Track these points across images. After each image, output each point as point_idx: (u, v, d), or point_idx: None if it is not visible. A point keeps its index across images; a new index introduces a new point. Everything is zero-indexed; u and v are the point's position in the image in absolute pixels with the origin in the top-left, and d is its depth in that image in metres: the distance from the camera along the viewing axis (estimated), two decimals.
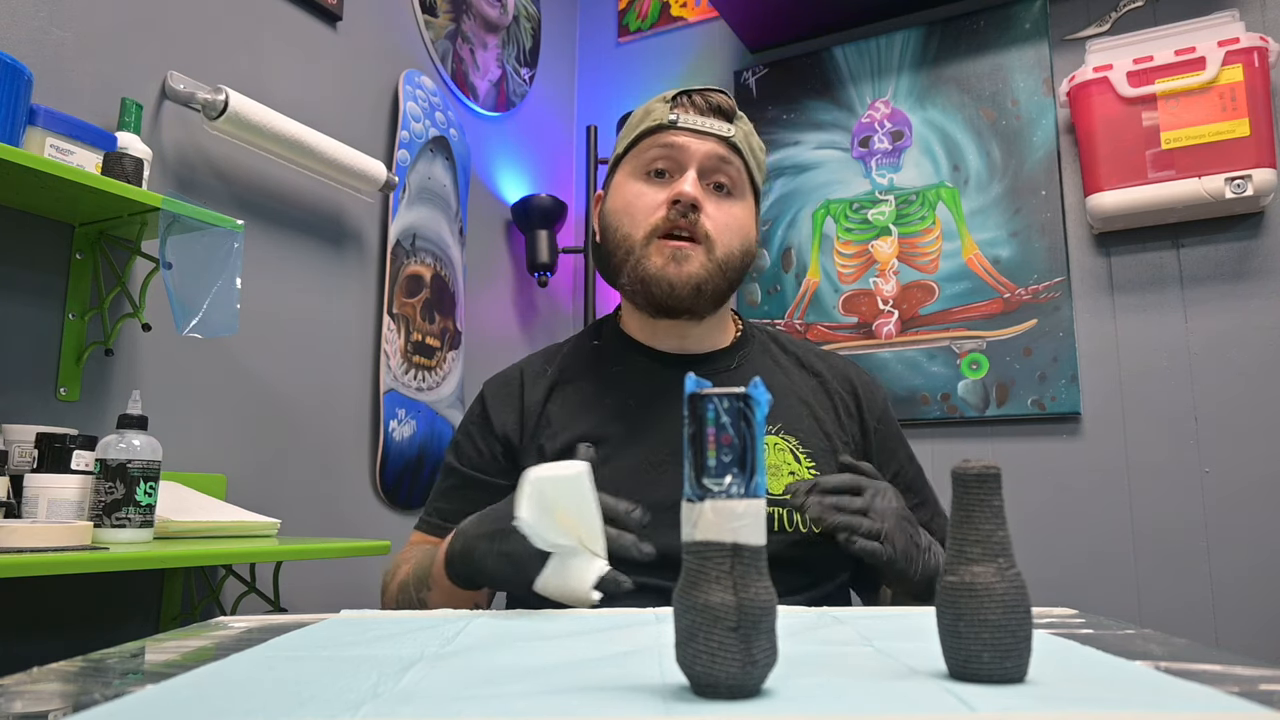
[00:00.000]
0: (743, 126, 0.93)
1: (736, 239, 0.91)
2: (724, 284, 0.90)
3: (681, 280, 0.87)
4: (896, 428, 1.01)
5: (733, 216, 0.91)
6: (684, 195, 0.87)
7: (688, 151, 0.90)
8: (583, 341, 1.02)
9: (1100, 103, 1.81)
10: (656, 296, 0.89)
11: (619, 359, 0.97)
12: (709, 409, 0.35)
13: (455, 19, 2.16)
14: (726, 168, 0.91)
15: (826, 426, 0.93)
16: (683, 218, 0.87)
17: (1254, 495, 1.67)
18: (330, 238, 1.73)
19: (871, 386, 1.01)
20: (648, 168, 0.92)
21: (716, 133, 0.90)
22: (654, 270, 0.88)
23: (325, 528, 1.65)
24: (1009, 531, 0.38)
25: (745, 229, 0.92)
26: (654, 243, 0.89)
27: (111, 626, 1.29)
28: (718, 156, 0.90)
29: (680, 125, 0.90)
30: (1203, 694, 0.34)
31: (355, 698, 0.34)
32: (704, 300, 0.90)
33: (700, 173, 0.89)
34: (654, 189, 0.91)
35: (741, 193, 0.93)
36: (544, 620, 0.58)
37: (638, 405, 0.92)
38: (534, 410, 0.94)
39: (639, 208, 0.90)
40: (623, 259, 0.91)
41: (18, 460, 1.08)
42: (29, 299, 1.23)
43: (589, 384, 0.96)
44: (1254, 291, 1.74)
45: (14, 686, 0.37)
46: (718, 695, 0.34)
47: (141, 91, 1.39)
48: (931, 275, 2.03)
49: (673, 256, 0.88)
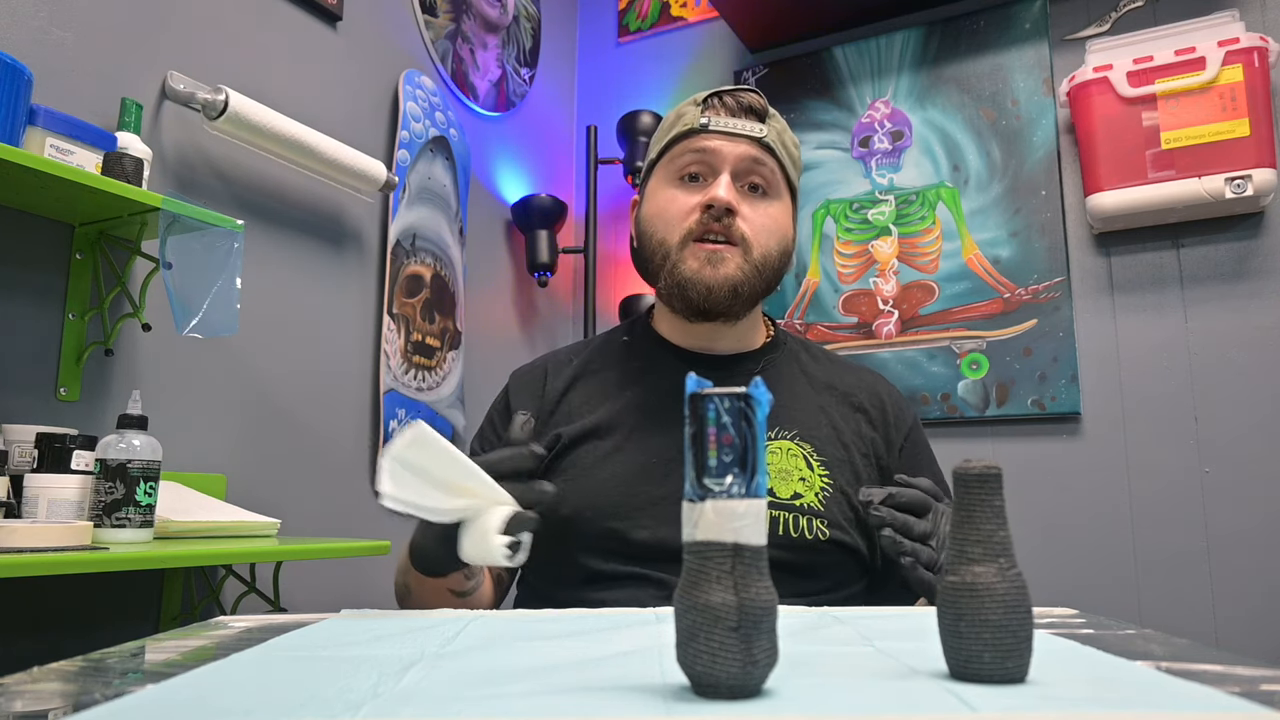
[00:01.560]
0: (775, 125, 0.93)
1: (774, 240, 0.90)
2: (761, 285, 0.90)
3: (718, 282, 0.87)
4: (926, 448, 0.99)
5: (769, 217, 0.91)
6: (717, 200, 0.87)
7: (720, 155, 0.89)
8: (613, 336, 1.03)
9: (1100, 103, 1.81)
10: (693, 300, 0.89)
11: (645, 355, 0.98)
12: (709, 409, 0.35)
13: (455, 19, 2.16)
14: (760, 169, 0.90)
15: (845, 437, 0.92)
16: (716, 222, 0.87)
17: (1254, 495, 1.67)
18: (330, 238, 1.73)
19: (901, 404, 0.99)
20: (681, 172, 0.92)
21: (749, 134, 0.90)
22: (689, 274, 0.88)
23: (325, 528, 1.65)
24: (1010, 531, 0.38)
25: (782, 229, 0.92)
26: (689, 246, 0.89)
27: (111, 626, 1.29)
28: (751, 158, 0.90)
29: (712, 128, 0.90)
30: (1203, 694, 0.34)
31: (355, 698, 0.34)
32: (741, 302, 0.90)
33: (734, 175, 0.89)
34: (687, 194, 0.91)
35: (777, 192, 0.92)
36: (544, 620, 0.58)
37: (656, 401, 0.92)
38: (554, 398, 0.95)
39: (673, 213, 0.90)
40: (660, 264, 0.91)
41: (18, 460, 1.08)
42: (29, 299, 1.23)
43: (612, 375, 0.96)
44: (1254, 291, 1.74)
45: (14, 686, 0.37)
46: (718, 695, 0.34)
47: (141, 91, 1.39)
48: (931, 275, 2.03)
49: (708, 259, 0.88)
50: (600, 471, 0.88)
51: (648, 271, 0.94)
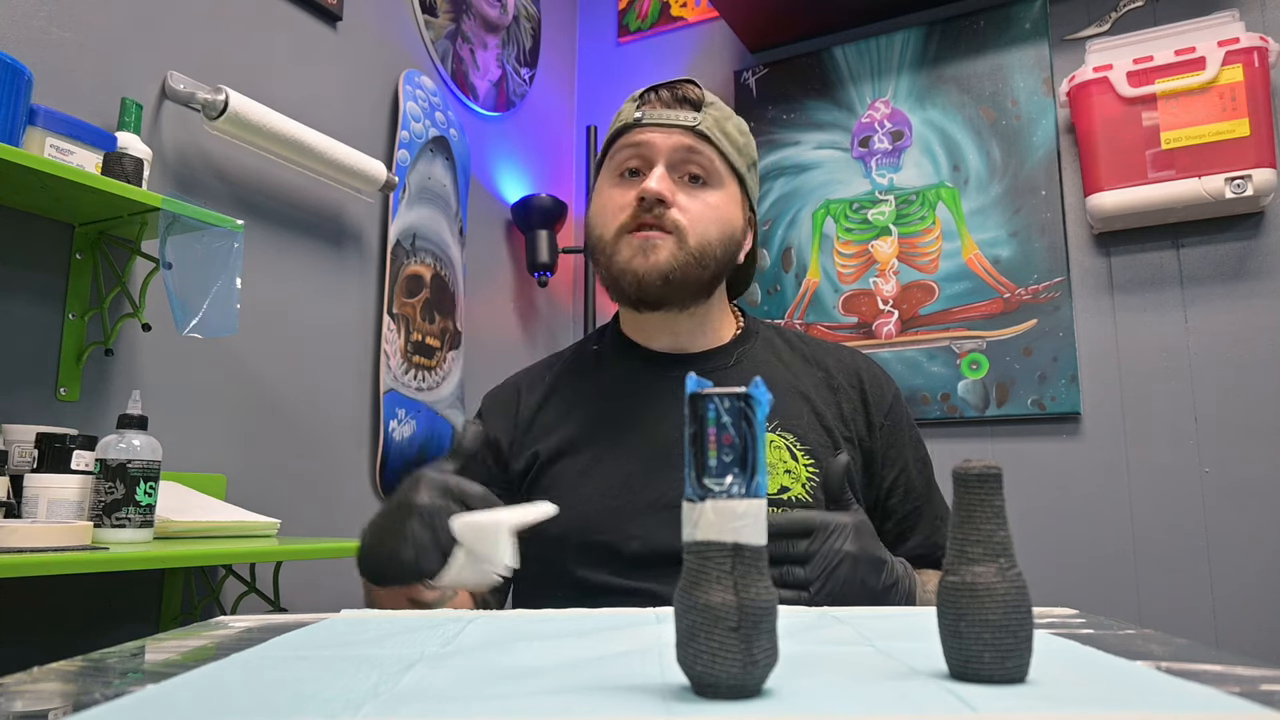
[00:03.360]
0: (713, 113, 0.92)
1: (713, 227, 0.90)
2: (701, 273, 0.89)
3: (647, 269, 0.87)
4: (909, 426, 0.97)
5: (707, 205, 0.90)
6: (647, 191, 0.87)
7: (654, 147, 0.89)
8: (583, 347, 1.03)
9: (1100, 103, 1.81)
10: (626, 290, 0.89)
11: (614, 361, 0.97)
12: (709, 409, 0.35)
13: (455, 19, 2.16)
14: (696, 157, 0.90)
15: (827, 421, 0.91)
16: (648, 213, 0.87)
17: (1254, 495, 1.67)
18: (330, 238, 1.73)
19: (881, 381, 0.97)
20: (620, 169, 0.92)
21: (682, 123, 0.90)
22: (622, 264, 0.88)
23: (325, 528, 1.65)
24: (1010, 531, 0.38)
25: (723, 216, 0.91)
26: (623, 238, 0.89)
27: (111, 626, 1.29)
28: (685, 148, 0.89)
29: (645, 122, 0.90)
30: (1203, 694, 0.34)
31: (355, 698, 0.34)
32: (676, 290, 0.89)
33: (670, 166, 0.89)
34: (624, 189, 0.91)
35: (717, 180, 0.91)
36: (544, 620, 0.58)
37: (630, 407, 0.92)
38: (528, 416, 0.95)
39: (609, 209, 0.91)
40: (599, 259, 0.91)
41: (18, 460, 1.08)
42: (29, 299, 1.23)
43: (584, 387, 0.96)
44: (1254, 291, 1.74)
45: (14, 686, 0.37)
46: (718, 695, 0.34)
47: (141, 91, 1.39)
48: (931, 275, 2.03)
49: (640, 249, 0.87)
50: (583, 487, 0.87)
51: (598, 269, 0.94)
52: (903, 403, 0.98)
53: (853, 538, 0.74)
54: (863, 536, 0.75)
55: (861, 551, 0.74)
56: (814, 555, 0.71)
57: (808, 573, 0.70)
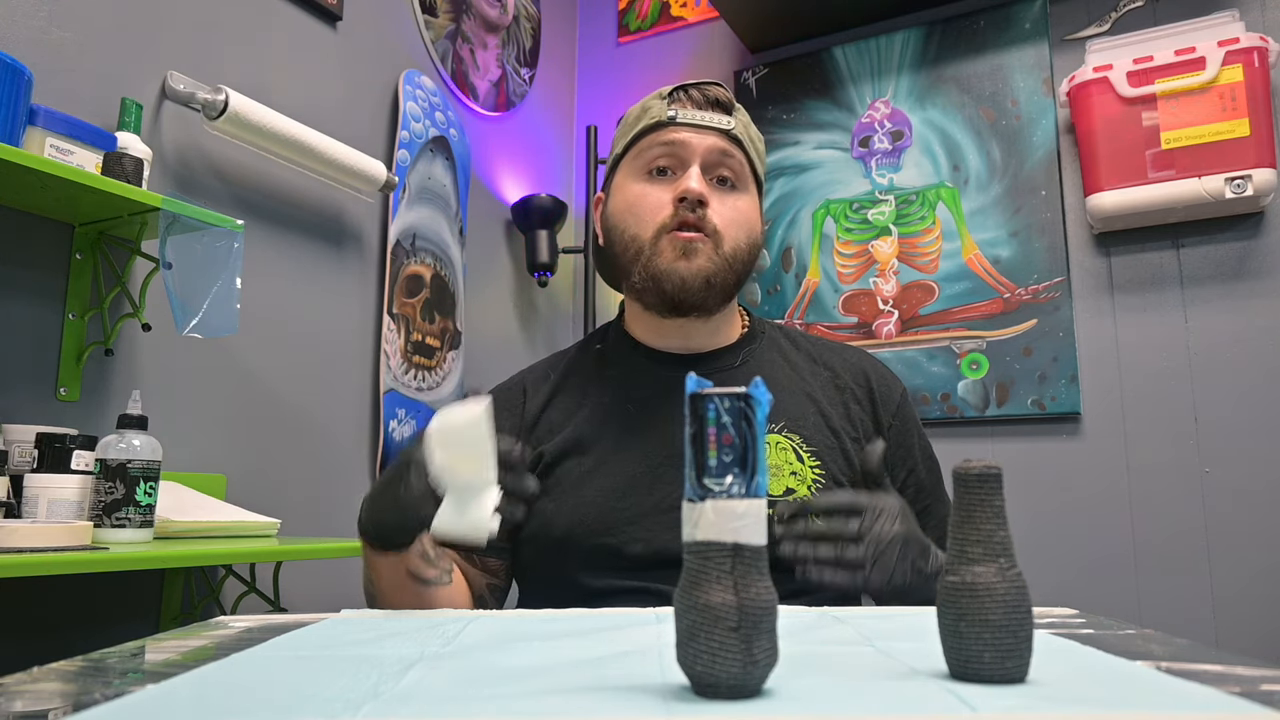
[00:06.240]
0: (741, 118, 0.92)
1: (743, 232, 0.90)
2: (732, 278, 0.89)
3: (692, 274, 0.86)
4: (916, 426, 0.96)
5: (738, 210, 0.90)
6: (690, 191, 0.86)
7: (689, 147, 0.89)
8: (587, 346, 1.02)
9: (1100, 103, 1.81)
10: (669, 292, 0.87)
11: (620, 361, 0.96)
12: (709, 409, 0.35)
13: (455, 19, 2.16)
14: (729, 161, 0.90)
15: (834, 422, 0.90)
16: (690, 213, 0.86)
17: (1254, 496, 1.67)
18: (330, 238, 1.73)
19: (888, 381, 0.97)
20: (649, 166, 0.91)
21: (717, 126, 0.89)
22: (665, 265, 0.87)
23: (325, 528, 1.65)
24: (1010, 531, 0.38)
25: (750, 222, 0.91)
26: (664, 238, 0.88)
27: (111, 626, 1.29)
28: (719, 150, 0.89)
29: (680, 121, 0.89)
30: (1203, 694, 0.34)
31: (355, 698, 0.34)
32: (714, 295, 0.89)
33: (703, 167, 0.89)
34: (658, 187, 0.90)
35: (745, 185, 0.92)
36: (544, 620, 0.58)
37: (636, 407, 0.91)
38: (533, 415, 0.94)
39: (645, 207, 0.89)
40: (632, 259, 0.90)
41: (18, 460, 1.08)
42: (29, 299, 1.23)
43: (589, 387, 0.95)
44: (1254, 291, 1.74)
45: (14, 686, 0.37)
46: (718, 695, 0.34)
47: (141, 91, 1.39)
48: (931, 275, 2.03)
49: (683, 250, 0.87)
50: (587, 488, 0.86)
51: (617, 268, 0.93)
52: (910, 402, 0.98)
53: (901, 519, 0.74)
54: (909, 519, 0.75)
55: (910, 534, 0.74)
56: (864, 535, 0.71)
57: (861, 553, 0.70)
